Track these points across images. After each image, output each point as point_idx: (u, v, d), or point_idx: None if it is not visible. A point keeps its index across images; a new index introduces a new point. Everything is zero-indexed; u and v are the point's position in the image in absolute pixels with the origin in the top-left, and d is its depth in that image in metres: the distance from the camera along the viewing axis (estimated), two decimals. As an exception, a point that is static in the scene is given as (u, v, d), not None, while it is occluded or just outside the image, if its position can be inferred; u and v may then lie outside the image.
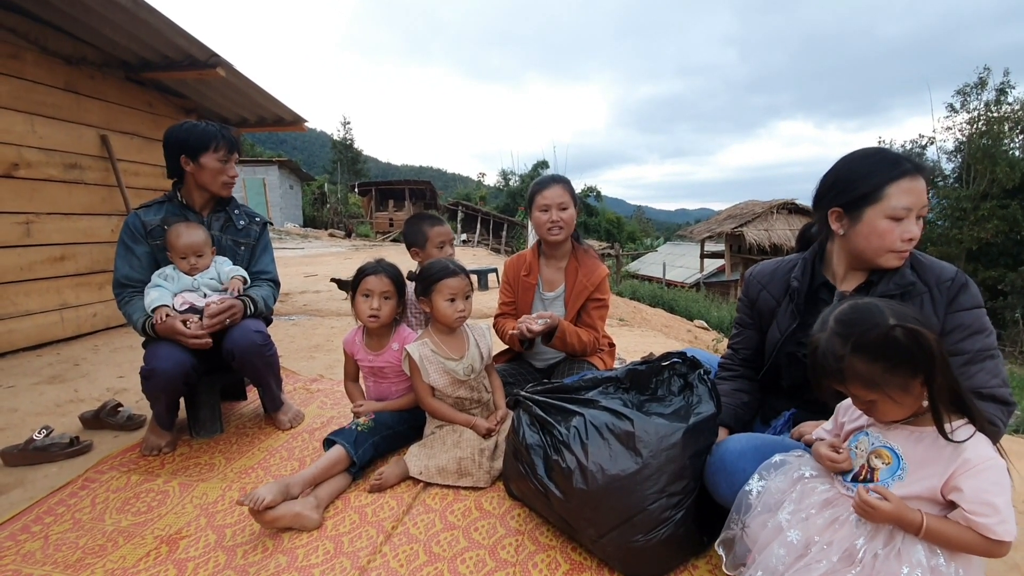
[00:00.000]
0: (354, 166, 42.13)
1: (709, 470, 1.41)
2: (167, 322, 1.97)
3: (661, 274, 21.60)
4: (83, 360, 3.50)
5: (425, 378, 1.94)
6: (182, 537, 1.61)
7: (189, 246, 2.12)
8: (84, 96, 4.07)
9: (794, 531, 1.11)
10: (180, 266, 2.13)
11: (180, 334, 1.95)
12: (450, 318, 1.93)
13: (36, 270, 3.72)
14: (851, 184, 1.41)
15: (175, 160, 2.18)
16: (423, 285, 1.96)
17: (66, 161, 3.93)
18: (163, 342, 1.99)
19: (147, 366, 1.98)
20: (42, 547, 1.59)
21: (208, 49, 4.01)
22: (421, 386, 1.97)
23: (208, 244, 2.19)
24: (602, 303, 2.37)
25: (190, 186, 2.24)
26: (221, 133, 2.21)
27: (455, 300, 1.93)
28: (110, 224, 4.29)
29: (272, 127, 5.76)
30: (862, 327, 1.02)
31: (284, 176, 25.60)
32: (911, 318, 1.01)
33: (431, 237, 2.39)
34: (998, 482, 0.98)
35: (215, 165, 2.18)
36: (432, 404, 1.98)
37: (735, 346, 1.74)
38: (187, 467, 2.04)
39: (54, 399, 2.78)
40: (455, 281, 1.93)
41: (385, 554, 1.51)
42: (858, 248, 1.42)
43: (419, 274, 2.03)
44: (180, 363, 1.97)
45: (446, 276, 1.92)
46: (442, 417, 1.99)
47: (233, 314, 2.08)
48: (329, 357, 3.70)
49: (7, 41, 3.51)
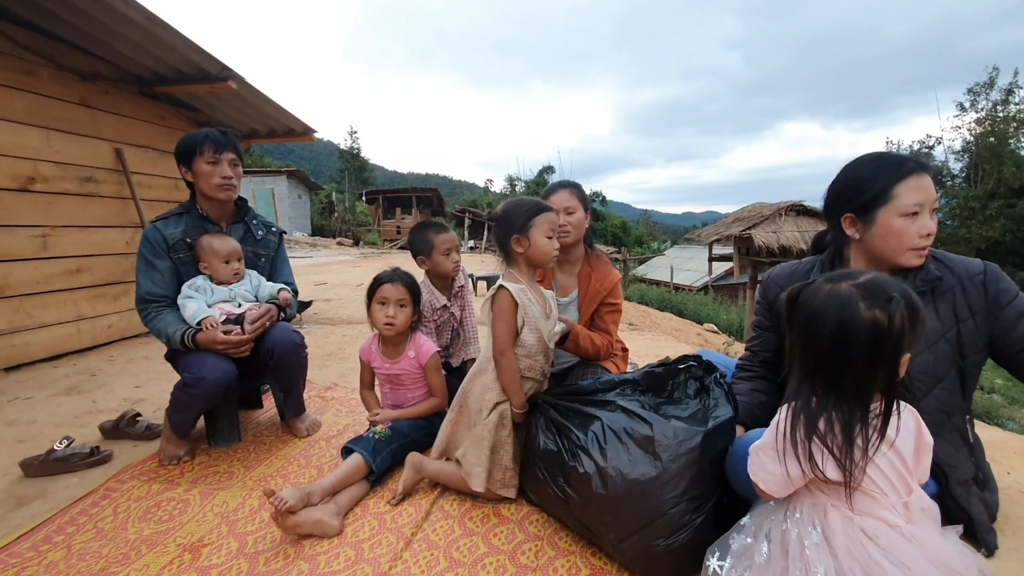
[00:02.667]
0: (361, 175, 42.45)
1: (729, 460, 1.42)
2: (208, 333, 1.99)
3: (669, 278, 21.54)
4: (99, 371, 3.53)
5: (520, 326, 1.73)
6: (204, 545, 1.62)
7: (233, 251, 2.16)
8: (99, 111, 4.14)
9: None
10: (223, 272, 2.14)
11: (224, 343, 1.98)
12: (549, 255, 1.77)
13: (53, 282, 3.77)
14: (860, 189, 1.42)
15: (182, 172, 2.20)
16: (519, 221, 1.74)
17: (81, 175, 4.00)
18: (208, 353, 2.01)
19: (194, 375, 1.98)
20: (65, 557, 1.60)
21: (220, 63, 4.08)
22: (507, 332, 1.71)
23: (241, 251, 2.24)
24: (615, 308, 2.37)
25: (200, 196, 2.24)
26: (207, 134, 2.15)
27: (553, 238, 1.78)
28: (124, 236, 4.34)
29: (282, 138, 5.82)
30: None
31: (293, 186, 25.84)
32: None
33: (437, 244, 2.39)
34: (766, 435, 1.16)
35: (204, 168, 2.14)
36: (510, 360, 1.72)
37: (754, 348, 1.73)
38: (207, 476, 2.06)
39: (72, 410, 2.81)
40: (554, 216, 1.79)
41: (406, 560, 1.51)
42: (877, 250, 1.42)
43: (506, 214, 1.80)
44: (227, 372, 2.01)
45: (545, 210, 1.76)
46: (506, 383, 1.74)
47: (271, 318, 2.14)
48: (342, 365, 3.72)
49: (23, 58, 3.58)
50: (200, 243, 2.14)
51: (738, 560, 1.18)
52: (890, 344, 1.01)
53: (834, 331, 1.04)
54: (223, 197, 2.21)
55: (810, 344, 1.08)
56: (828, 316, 1.05)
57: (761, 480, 1.15)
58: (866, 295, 1.03)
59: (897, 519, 1.06)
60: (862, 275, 1.08)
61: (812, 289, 1.11)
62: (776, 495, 1.15)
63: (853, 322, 1.02)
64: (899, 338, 1.01)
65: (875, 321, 1.01)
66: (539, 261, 1.79)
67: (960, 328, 1.41)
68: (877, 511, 1.07)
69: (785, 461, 1.10)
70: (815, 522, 1.10)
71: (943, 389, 1.43)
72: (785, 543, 1.11)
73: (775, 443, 1.12)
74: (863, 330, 1.01)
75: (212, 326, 2.01)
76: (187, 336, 2.00)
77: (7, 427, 2.58)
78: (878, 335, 1.01)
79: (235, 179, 2.22)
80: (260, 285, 2.26)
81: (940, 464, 1.43)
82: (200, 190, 2.20)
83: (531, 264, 1.81)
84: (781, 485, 1.13)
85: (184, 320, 2.05)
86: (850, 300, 1.04)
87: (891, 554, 1.01)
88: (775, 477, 1.12)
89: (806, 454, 1.06)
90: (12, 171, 3.50)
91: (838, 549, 1.04)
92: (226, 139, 2.18)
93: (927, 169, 1.38)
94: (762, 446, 1.16)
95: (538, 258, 1.78)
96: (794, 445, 1.08)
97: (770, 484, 1.14)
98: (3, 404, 2.89)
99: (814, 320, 1.07)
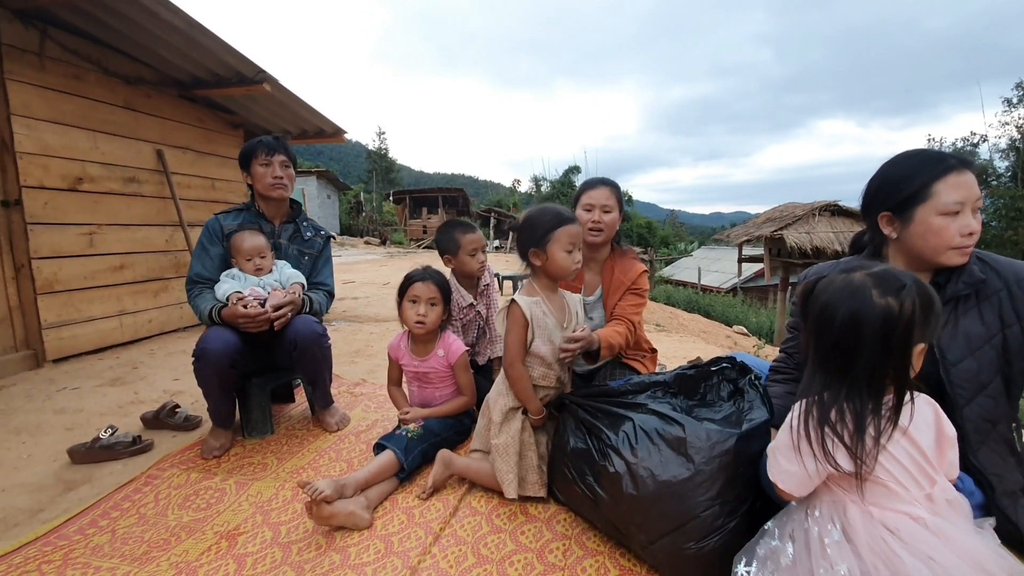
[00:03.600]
0: (388, 175, 43.01)
1: (763, 469, 1.39)
2: (231, 307, 2.09)
3: (696, 279, 21.19)
4: (141, 363, 3.67)
5: (529, 340, 1.73)
6: (240, 533, 1.67)
7: (254, 248, 2.27)
8: (141, 113, 4.30)
9: None
10: (245, 268, 2.26)
11: (244, 316, 2.07)
12: (568, 269, 1.72)
13: (98, 278, 3.94)
14: (897, 186, 1.37)
15: (244, 177, 2.44)
16: (538, 233, 1.70)
17: (125, 175, 4.16)
18: (215, 326, 2.12)
19: (197, 348, 2.09)
20: (110, 540, 1.67)
21: (255, 66, 4.19)
22: (518, 344, 1.72)
23: (268, 249, 2.33)
24: (639, 292, 2.29)
25: (257, 195, 2.46)
26: (260, 140, 2.38)
27: (573, 251, 1.73)
28: (164, 234, 4.50)
29: (313, 139, 5.94)
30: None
31: (322, 186, 26.35)
32: None
33: (463, 244, 2.41)
34: (780, 434, 1.15)
35: (259, 170, 2.37)
36: (520, 371, 1.74)
37: (789, 350, 1.69)
38: (242, 466, 2.12)
39: (116, 400, 2.93)
40: (575, 228, 1.72)
41: (435, 555, 1.53)
42: (916, 248, 1.37)
43: (526, 223, 1.76)
44: (227, 342, 2.08)
45: (565, 222, 1.70)
46: (519, 391, 1.76)
47: (294, 307, 2.21)
48: (370, 362, 3.78)
49: (72, 63, 3.75)
50: (231, 241, 2.29)
51: (764, 565, 1.15)
52: (900, 332, 1.00)
53: (846, 320, 1.03)
54: (276, 196, 2.42)
55: (822, 335, 1.07)
56: (840, 305, 1.04)
57: (780, 480, 1.13)
58: (878, 283, 1.03)
59: (920, 511, 1.03)
60: (876, 266, 1.08)
61: (826, 280, 1.11)
62: (796, 494, 1.13)
63: (864, 310, 1.01)
64: (910, 326, 1.00)
65: (886, 308, 1.00)
66: (557, 275, 1.76)
67: (1006, 333, 1.35)
68: (897, 504, 1.04)
69: (801, 457, 1.08)
70: (835, 519, 1.08)
71: (987, 396, 1.37)
72: (808, 542, 1.10)
73: (790, 440, 1.10)
74: (874, 318, 1.00)
75: (236, 301, 2.11)
76: (214, 311, 2.13)
77: (56, 415, 2.71)
78: (889, 323, 1.00)
79: (286, 179, 2.42)
80: (289, 276, 2.36)
81: (986, 473, 1.37)
82: (257, 191, 2.44)
83: (550, 277, 1.78)
84: (800, 483, 1.11)
85: (216, 298, 2.19)
86: (862, 289, 1.03)
87: (914, 547, 0.98)
88: (793, 476, 1.11)
89: (819, 443, 1.05)
90: (62, 171, 3.67)
91: (859, 545, 1.02)
92: (277, 143, 2.41)
93: (969, 166, 1.32)
94: (777, 446, 1.15)
95: (556, 272, 1.75)
96: (807, 437, 1.07)
97: (789, 483, 1.12)
98: (52, 393, 3.04)
99: (826, 310, 1.06)
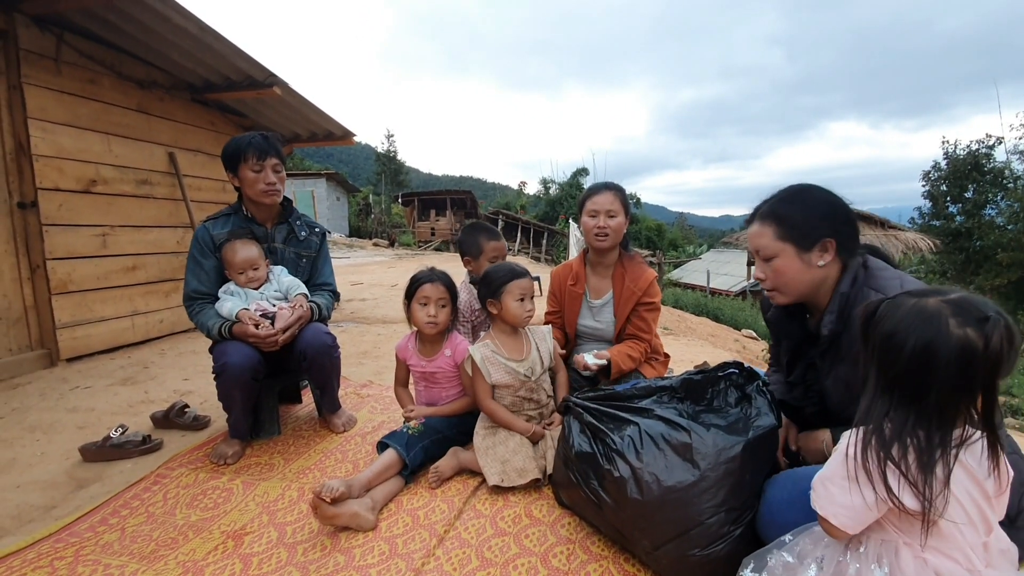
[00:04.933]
0: (397, 177, 43.20)
1: (760, 522, 1.36)
2: (242, 326, 2.07)
3: (705, 282, 21.05)
4: (152, 363, 3.72)
5: (487, 378, 1.99)
6: (246, 533, 1.68)
7: (246, 260, 2.19)
8: (154, 116, 4.36)
9: None
10: (238, 281, 2.20)
11: (254, 336, 2.05)
12: (520, 317, 2.00)
13: (111, 279, 3.99)
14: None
15: (229, 178, 2.29)
16: (492, 287, 2.01)
17: (138, 177, 4.22)
18: (231, 341, 2.10)
19: (218, 363, 2.08)
20: (119, 539, 1.69)
21: (266, 69, 4.24)
22: (482, 388, 2.01)
23: (262, 258, 2.25)
24: (653, 306, 2.33)
25: (246, 199, 2.31)
26: (249, 141, 2.20)
27: (524, 300, 2.01)
28: (176, 236, 4.56)
29: (322, 142, 5.99)
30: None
31: (331, 188, 26.53)
32: None
33: (486, 250, 2.43)
34: (830, 464, 1.05)
35: (249, 175, 2.21)
36: (491, 406, 2.01)
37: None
38: (249, 466, 2.14)
39: (127, 399, 2.97)
40: (525, 282, 2.02)
41: (438, 557, 1.53)
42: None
43: (484, 278, 2.07)
44: (249, 357, 2.07)
45: (516, 277, 2.00)
46: (499, 420, 2.00)
47: (302, 323, 2.19)
48: (377, 363, 3.80)
49: (87, 67, 3.81)
50: (222, 252, 2.20)
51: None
52: (987, 368, 0.91)
53: (919, 350, 0.94)
54: (268, 202, 2.30)
55: (888, 362, 0.98)
56: (912, 333, 0.95)
57: (832, 515, 1.02)
58: (957, 311, 0.94)
59: (976, 561, 0.97)
60: (952, 292, 0.99)
61: (893, 304, 1.01)
62: (851, 531, 1.02)
63: (940, 340, 0.92)
64: (997, 362, 0.91)
65: (968, 341, 0.91)
66: (511, 321, 2.03)
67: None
68: (953, 551, 0.98)
69: (860, 489, 0.99)
70: (882, 560, 1.01)
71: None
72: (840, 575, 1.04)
73: (845, 470, 1.01)
74: (953, 350, 0.91)
75: (248, 320, 2.08)
76: (224, 328, 2.09)
77: (69, 413, 2.75)
78: (972, 357, 0.91)
79: (279, 184, 2.28)
80: (289, 285, 2.29)
81: None
82: (246, 195, 2.30)
83: (506, 323, 2.05)
84: (857, 517, 1.01)
85: (222, 316, 2.14)
86: (939, 316, 0.94)
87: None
88: (849, 509, 1.00)
89: (880, 478, 0.96)
90: (77, 174, 3.73)
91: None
92: (268, 144, 2.24)
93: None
94: (829, 476, 1.05)
95: (509, 319, 2.02)
96: (867, 471, 0.98)
97: (842, 518, 1.01)
98: (66, 392, 3.08)
99: (894, 336, 0.97)
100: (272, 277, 2.29)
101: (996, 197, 22.25)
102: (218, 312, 2.15)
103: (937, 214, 23.54)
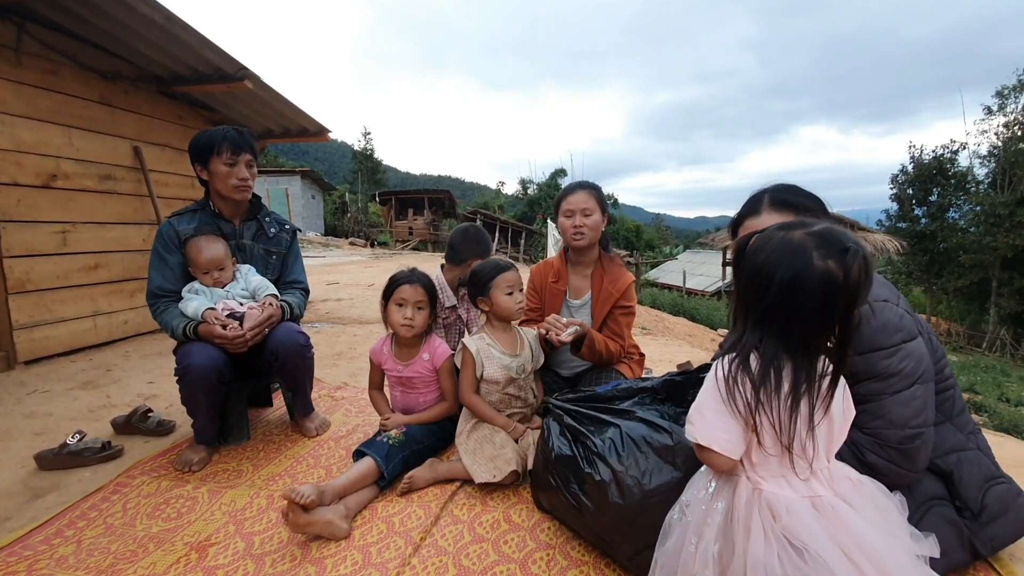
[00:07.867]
0: (374, 176, 42.61)
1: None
2: (208, 326, 1.98)
3: (681, 282, 21.34)
4: (115, 366, 3.57)
5: (479, 370, 1.98)
6: (211, 544, 1.61)
7: (211, 260, 2.10)
8: (119, 109, 4.19)
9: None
10: (203, 281, 2.12)
11: (220, 337, 1.97)
12: (511, 310, 2.02)
13: (71, 278, 3.82)
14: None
15: (196, 171, 2.21)
16: (481, 283, 2.02)
17: (101, 172, 4.05)
18: (196, 342, 2.01)
19: (181, 365, 1.99)
20: (75, 552, 1.60)
21: (237, 62, 4.10)
22: (468, 381, 2.00)
23: (229, 257, 2.17)
24: (629, 310, 2.33)
25: (214, 194, 2.24)
26: (224, 135, 2.15)
27: (513, 293, 2.02)
28: (141, 233, 4.39)
29: (296, 138, 5.85)
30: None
31: (306, 186, 26.07)
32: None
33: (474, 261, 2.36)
34: (703, 394, 1.08)
35: (222, 169, 2.15)
36: (474, 400, 2.00)
37: None
38: (215, 473, 2.05)
39: (87, 404, 2.83)
40: (511, 274, 2.03)
41: (414, 566, 1.48)
42: None
43: (472, 277, 2.08)
44: (214, 359, 1.99)
45: (501, 271, 2.02)
46: (481, 415, 1.99)
47: (272, 323, 2.11)
48: (352, 365, 3.72)
49: (48, 58, 3.64)
50: (186, 249, 2.12)
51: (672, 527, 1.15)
52: (846, 298, 0.95)
53: (787, 282, 0.97)
54: (239, 198, 2.24)
55: (759, 295, 1.01)
56: (779, 266, 0.98)
57: (714, 440, 1.03)
58: (820, 244, 0.97)
59: (822, 489, 1.01)
60: (816, 224, 1.01)
61: (763, 237, 1.04)
62: (734, 455, 1.03)
63: (806, 273, 0.95)
64: (856, 293, 0.95)
65: (829, 273, 0.95)
66: (503, 316, 2.04)
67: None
68: (794, 479, 1.01)
69: (737, 409, 1.02)
70: (721, 493, 1.06)
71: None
72: (702, 516, 1.07)
73: (719, 395, 1.03)
74: (817, 282, 0.95)
75: (214, 320, 2.00)
76: (188, 328, 2.00)
77: (26, 419, 2.61)
78: (833, 288, 0.94)
79: (251, 180, 2.24)
80: (258, 285, 2.21)
81: None
82: (216, 190, 2.22)
83: (499, 318, 2.05)
84: (735, 440, 1.03)
85: (187, 315, 2.05)
86: (803, 249, 0.97)
87: (793, 533, 0.95)
88: (729, 432, 1.02)
89: (747, 408, 1.00)
90: (36, 168, 3.56)
91: (736, 528, 1.00)
92: (243, 139, 2.19)
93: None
94: (704, 403, 1.06)
95: (501, 313, 2.03)
96: (733, 399, 1.01)
97: (724, 443, 1.02)
98: (23, 397, 2.93)
99: (763, 269, 1.00)
100: (239, 276, 2.21)
101: (959, 200, 23.15)
102: (182, 311, 2.06)
103: (903, 216, 24.37)
